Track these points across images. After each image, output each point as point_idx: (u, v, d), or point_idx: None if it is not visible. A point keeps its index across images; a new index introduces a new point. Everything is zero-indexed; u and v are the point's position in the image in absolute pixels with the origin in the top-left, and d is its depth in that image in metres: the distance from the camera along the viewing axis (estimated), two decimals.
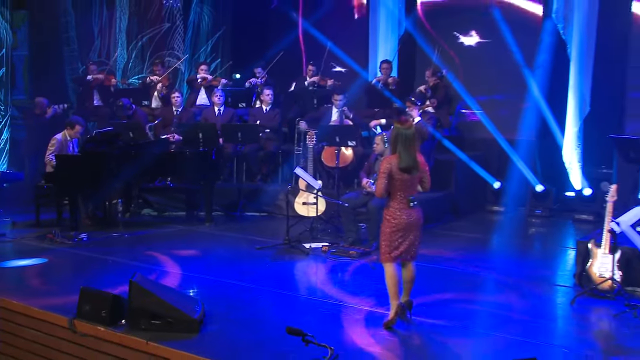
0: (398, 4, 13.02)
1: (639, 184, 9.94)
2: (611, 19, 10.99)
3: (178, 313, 5.94)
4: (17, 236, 9.32)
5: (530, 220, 10.93)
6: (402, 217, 6.11)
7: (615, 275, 6.86)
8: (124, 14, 13.78)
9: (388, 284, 6.17)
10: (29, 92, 12.56)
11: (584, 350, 5.81)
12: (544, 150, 11.44)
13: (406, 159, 5.96)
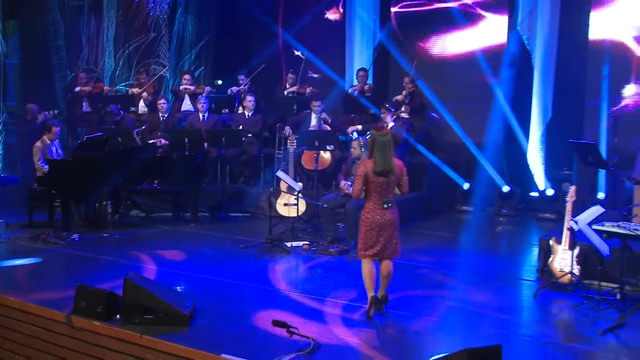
0: (373, 16, 13.02)
1: (597, 185, 10.17)
2: (571, 31, 11.11)
3: (169, 308, 6.02)
4: (11, 237, 9.27)
5: (497, 219, 11.02)
6: (375, 217, 6.22)
7: (574, 269, 7.08)
8: (111, 23, 13.69)
9: (364, 278, 6.29)
10: (20, 99, 12.49)
11: (545, 339, 5.94)
12: (509, 153, 11.48)
13: (381, 164, 6.07)
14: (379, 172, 6.10)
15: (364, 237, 6.34)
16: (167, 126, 11.47)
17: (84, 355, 6.13)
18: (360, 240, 6.37)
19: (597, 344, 5.80)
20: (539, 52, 11.36)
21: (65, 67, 13.34)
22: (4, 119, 12.09)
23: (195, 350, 5.54)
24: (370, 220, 6.24)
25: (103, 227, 9.84)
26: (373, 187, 6.18)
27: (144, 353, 5.79)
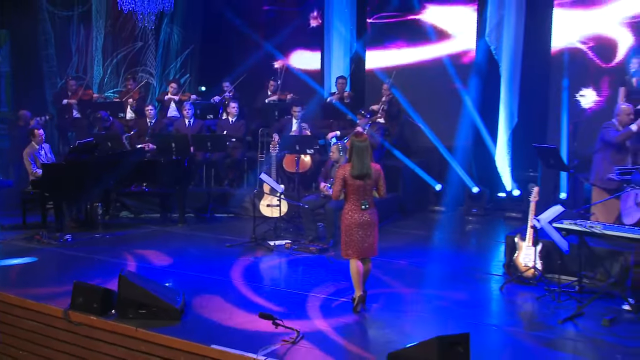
0: (349, 27, 13.04)
1: (559, 186, 10.29)
2: (535, 41, 11.26)
3: (162, 303, 6.13)
4: (6, 238, 9.26)
5: (467, 219, 11.11)
6: (353, 218, 6.32)
7: (537, 264, 7.21)
8: (100, 33, 13.68)
9: (352, 276, 6.41)
10: (12, 106, 12.46)
11: (510, 327, 6.14)
12: (478, 156, 11.56)
13: (358, 167, 6.20)
14: (356, 176, 6.21)
15: (344, 237, 6.43)
16: (155, 131, 11.50)
17: (81, 348, 6.22)
18: (343, 241, 6.45)
19: (557, 332, 5.98)
20: (506, 61, 11.42)
21: (56, 75, 13.28)
22: None
23: (187, 341, 5.66)
24: (349, 220, 6.35)
25: (94, 228, 9.87)
26: (351, 190, 6.29)
27: (139, 345, 5.91)
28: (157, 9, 11.44)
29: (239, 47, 13.85)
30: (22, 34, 12.67)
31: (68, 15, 13.42)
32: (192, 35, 14.18)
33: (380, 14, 12.83)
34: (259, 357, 5.29)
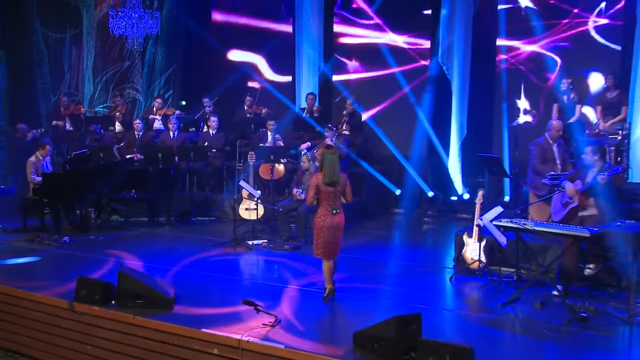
0: (317, 49, 13.07)
1: (503, 190, 10.57)
2: (482, 61, 11.49)
3: (156, 294, 6.39)
4: (9, 239, 9.29)
5: (423, 220, 11.22)
6: (326, 221, 6.54)
7: (482, 257, 7.50)
8: (90, 53, 13.60)
9: (324, 272, 6.64)
10: (8, 119, 12.32)
11: (458, 311, 6.55)
12: (433, 164, 11.68)
13: (330, 176, 6.46)
14: (327, 183, 6.47)
15: (316, 238, 6.62)
16: (142, 143, 11.51)
17: (84, 334, 6.44)
18: (315, 241, 6.64)
19: (497, 314, 6.34)
20: (456, 80, 11.54)
21: (49, 91, 13.19)
22: None
23: (179, 326, 5.93)
24: (321, 224, 6.56)
25: (88, 231, 9.87)
26: (324, 196, 6.52)
27: (136, 331, 6.16)
28: (145, 33, 11.46)
29: (217, 66, 13.90)
30: (18, 53, 12.61)
31: (61, 37, 13.33)
32: (174, 55, 14.12)
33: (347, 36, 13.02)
34: (243, 338, 5.56)
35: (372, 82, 12.88)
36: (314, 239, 6.73)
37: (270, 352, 5.46)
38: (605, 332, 5.93)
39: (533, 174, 8.46)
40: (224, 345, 5.70)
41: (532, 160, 8.48)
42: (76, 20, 13.54)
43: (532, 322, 6.15)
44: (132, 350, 6.19)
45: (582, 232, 6.18)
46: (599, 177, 6.80)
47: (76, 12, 13.43)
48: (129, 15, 11.08)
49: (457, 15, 11.51)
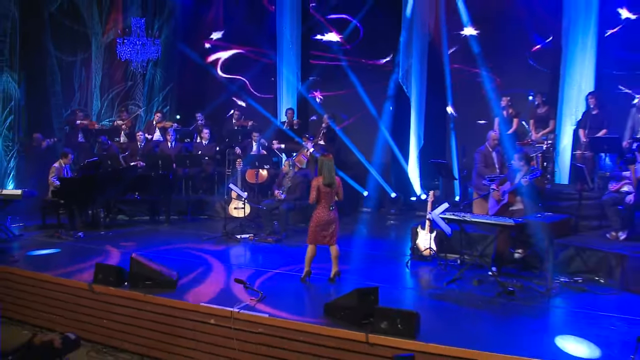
0: (295, 71, 13.34)
1: (454, 191, 11.07)
2: (435, 83, 11.82)
3: (163, 276, 6.78)
4: (31, 235, 9.50)
5: (387, 217, 11.60)
6: (323, 216, 6.94)
7: (432, 246, 8.07)
8: (98, 74, 13.49)
9: (307, 257, 7.04)
10: (25, 131, 12.25)
11: (412, 287, 7.08)
12: (395, 170, 12.08)
13: (328, 178, 6.90)
14: (326, 184, 6.91)
15: (314, 230, 6.94)
16: (144, 152, 11.69)
17: (102, 311, 6.78)
18: (310, 231, 6.97)
19: (444, 290, 6.91)
20: (414, 97, 11.96)
21: (61, 107, 13.09)
22: (17, 147, 11.90)
23: (182, 301, 6.36)
24: (320, 217, 6.95)
25: (98, 228, 10.02)
26: (322, 195, 6.94)
27: (145, 306, 6.53)
28: (148, 58, 11.67)
29: (209, 85, 14.01)
30: (34, 74, 12.59)
31: (72, 60, 13.33)
32: (171, 76, 14.19)
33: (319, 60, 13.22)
34: (234, 309, 6.01)
35: (341, 99, 13.14)
36: (309, 228, 7.04)
37: (256, 320, 5.92)
38: (527, 302, 6.52)
39: (477, 177, 9.14)
40: (219, 316, 6.10)
41: (476, 165, 9.17)
42: (85, 45, 13.47)
43: (471, 295, 6.70)
44: (143, 322, 6.56)
45: (507, 222, 6.81)
46: (522, 180, 7.37)
47: (85, 39, 13.42)
48: (134, 43, 11.34)
49: (414, 42, 11.88)
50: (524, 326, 5.82)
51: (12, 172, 11.82)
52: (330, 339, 5.63)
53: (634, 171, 7.54)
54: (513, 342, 5.31)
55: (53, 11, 12.78)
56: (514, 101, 10.80)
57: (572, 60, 10.59)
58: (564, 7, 10.70)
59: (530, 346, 5.22)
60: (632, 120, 9.50)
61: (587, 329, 5.71)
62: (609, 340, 5.38)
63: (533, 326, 5.82)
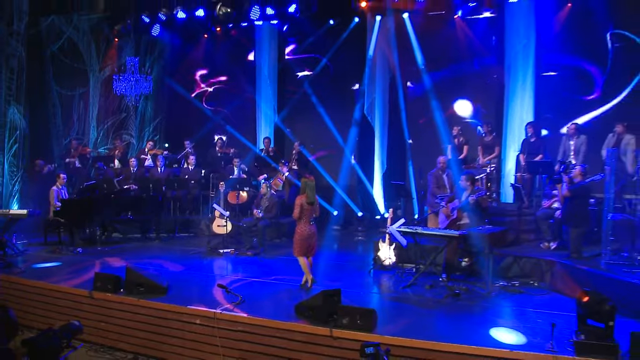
0: (272, 106, 13.65)
1: (414, 209, 11.33)
2: (395, 114, 12.16)
3: (154, 284, 7.10)
4: (35, 251, 9.68)
5: (355, 233, 11.86)
6: (305, 230, 7.31)
7: (392, 257, 8.43)
8: (95, 106, 13.63)
9: (303, 267, 7.38)
10: (28, 158, 12.38)
11: (374, 291, 7.41)
12: (361, 191, 12.37)
13: (311, 197, 7.32)
14: (309, 203, 7.30)
15: (299, 243, 7.27)
16: (137, 176, 11.89)
17: (101, 315, 7.03)
18: (297, 245, 7.30)
19: (400, 293, 7.35)
20: (377, 126, 12.37)
21: (61, 136, 13.30)
22: (22, 172, 12.03)
23: (172, 305, 6.66)
24: (303, 231, 7.31)
25: (95, 244, 10.16)
26: (305, 212, 7.31)
27: (139, 310, 6.82)
28: (141, 92, 12.02)
29: (195, 117, 14.17)
30: (38, 107, 12.76)
31: (72, 94, 13.51)
32: (161, 108, 14.33)
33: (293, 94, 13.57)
34: (217, 311, 6.35)
35: (313, 128, 13.45)
36: (295, 243, 7.33)
37: (236, 320, 6.29)
38: (470, 302, 7.05)
39: (430, 196, 9.69)
40: (204, 317, 6.43)
41: (429, 186, 9.75)
42: (84, 81, 13.68)
43: (423, 297, 7.19)
44: (137, 324, 6.85)
45: (452, 233, 7.41)
46: (469, 198, 7.94)
47: (84, 75, 13.65)
48: (128, 79, 11.70)
49: (377, 78, 12.40)
50: (466, 321, 6.32)
51: (16, 194, 11.98)
52: (299, 334, 6.02)
53: (560, 189, 8.19)
54: (456, 334, 5.81)
55: (55, 51, 13.08)
56: (464, 130, 11.36)
57: (513, 95, 11.29)
58: (506, 49, 11.41)
59: (470, 337, 5.72)
60: (563, 147, 10.19)
61: (518, 322, 6.24)
62: (535, 331, 5.91)
63: (473, 321, 6.33)
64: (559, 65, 11.05)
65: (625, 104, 10.40)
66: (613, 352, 5.25)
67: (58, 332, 3.64)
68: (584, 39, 10.66)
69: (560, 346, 5.43)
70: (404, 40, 12.04)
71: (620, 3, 10.03)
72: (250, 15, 11.96)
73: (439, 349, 5.57)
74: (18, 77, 11.96)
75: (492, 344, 5.60)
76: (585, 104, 10.82)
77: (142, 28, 13.22)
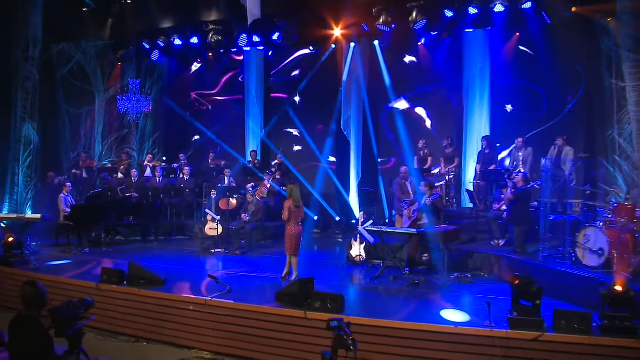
0: (259, 122, 14.07)
1: (384, 213, 11.64)
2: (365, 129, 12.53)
3: (153, 276, 7.53)
4: (48, 252, 9.98)
5: (334, 236, 12.17)
6: (294, 230, 7.68)
7: (362, 254, 8.96)
8: (100, 123, 13.85)
9: (294, 264, 7.76)
10: (41, 169, 12.48)
11: (345, 284, 7.82)
12: (339, 198, 12.68)
13: (298, 201, 7.72)
14: (296, 206, 7.69)
15: (291, 241, 7.64)
16: (138, 186, 12.09)
17: (107, 304, 7.36)
18: (288, 244, 7.67)
19: (368, 284, 7.92)
20: (353, 140, 12.80)
21: (70, 150, 13.56)
22: (35, 182, 12.30)
23: (168, 294, 7.12)
24: (292, 232, 7.67)
25: (100, 246, 10.47)
26: (293, 214, 7.69)
27: (140, 299, 7.22)
28: (141, 110, 12.49)
29: (190, 132, 14.51)
30: (49, 124, 13.02)
31: (79, 112, 13.79)
32: (159, 124, 14.54)
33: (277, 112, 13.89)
34: (209, 298, 6.80)
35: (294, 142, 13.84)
36: (287, 242, 7.65)
37: (224, 306, 6.77)
38: (427, 290, 7.62)
39: (397, 201, 10.30)
40: (196, 304, 6.90)
41: (395, 193, 10.35)
42: (90, 100, 13.91)
43: (387, 287, 7.74)
44: (138, 312, 7.27)
45: (411, 231, 8.00)
46: (427, 201, 8.54)
47: (90, 95, 13.88)
48: (130, 99, 12.16)
49: (352, 98, 12.86)
50: (422, 305, 6.90)
51: (30, 202, 12.23)
52: (279, 317, 6.54)
53: (506, 193, 8.84)
54: (411, 316, 6.41)
55: (65, 74, 13.40)
56: (428, 143, 11.92)
57: (472, 112, 11.94)
58: (464, 73, 12.04)
59: (422, 317, 6.32)
60: (513, 157, 10.85)
61: (466, 306, 6.85)
62: (478, 312, 6.47)
63: (428, 305, 6.92)
64: (511, 87, 11.66)
65: (565, 120, 11.04)
66: (539, 326, 5.86)
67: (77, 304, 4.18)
68: (530, 64, 11.30)
69: (497, 322, 6.02)
70: (375, 64, 12.54)
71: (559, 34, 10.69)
72: (239, 43, 12.27)
73: (395, 327, 6.12)
74: (32, 97, 12.20)
75: (440, 323, 6.17)
76: (533, 120, 11.40)
77: (142, 53, 13.58)
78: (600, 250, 7.17)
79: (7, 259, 8.69)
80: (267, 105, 14.18)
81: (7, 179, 12.10)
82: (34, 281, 4.10)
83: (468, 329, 6.00)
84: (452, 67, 12.18)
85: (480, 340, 5.88)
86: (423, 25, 10.63)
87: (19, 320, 4.05)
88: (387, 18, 10.65)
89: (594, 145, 10.33)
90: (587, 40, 10.17)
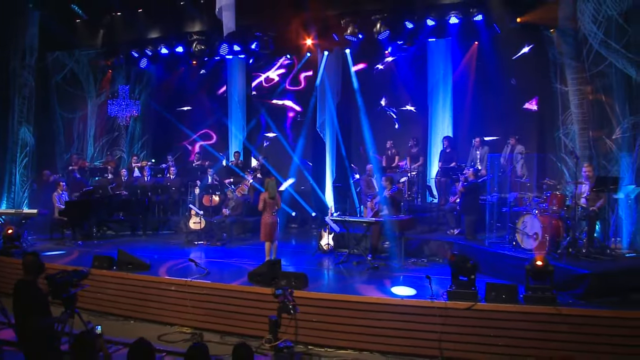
0: (240, 126, 14.46)
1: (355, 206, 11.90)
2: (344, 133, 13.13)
3: (140, 262, 8.19)
4: (43, 244, 10.42)
5: (310, 230, 12.48)
6: (269, 220, 8.30)
7: (331, 242, 9.64)
8: (92, 127, 14.14)
9: (266, 250, 8.30)
10: (36, 169, 12.70)
11: (316, 268, 8.46)
12: (315, 196, 13.03)
13: (272, 193, 8.29)
14: (271, 197, 8.25)
15: (264, 229, 8.20)
16: (127, 184, 12.52)
17: (98, 287, 7.86)
18: (262, 231, 8.23)
19: (334, 268, 8.64)
20: (328, 142, 13.24)
21: (63, 152, 13.83)
22: (30, 181, 12.64)
23: (153, 276, 7.75)
24: (266, 220, 8.26)
25: (92, 239, 10.92)
26: (267, 205, 8.27)
27: (129, 282, 7.82)
28: (130, 114, 13.07)
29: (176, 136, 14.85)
30: (44, 127, 13.22)
31: (72, 116, 13.99)
32: (147, 127, 14.85)
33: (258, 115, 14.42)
34: (189, 279, 7.45)
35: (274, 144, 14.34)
36: (262, 230, 8.24)
37: (203, 286, 7.44)
38: (385, 272, 8.38)
39: (363, 195, 11.06)
40: (178, 284, 7.56)
41: (362, 188, 11.11)
42: (83, 105, 14.11)
43: (350, 270, 8.50)
44: (126, 293, 7.89)
45: (370, 220, 8.78)
46: (387, 194, 9.25)
47: (83, 100, 14.10)
48: (120, 104, 12.69)
49: (327, 102, 13.42)
50: (377, 284, 7.64)
51: (26, 200, 12.63)
52: (251, 294, 7.26)
53: (458, 187, 9.67)
54: (367, 291, 7.15)
55: (59, 80, 13.74)
56: (396, 143, 12.67)
57: (435, 115, 12.70)
58: (429, 79, 12.77)
59: (375, 293, 7.08)
60: (471, 156, 11.68)
61: (415, 284, 7.60)
62: (425, 288, 7.18)
63: (382, 283, 7.68)
64: (471, 91, 12.45)
65: (519, 121, 11.87)
66: (473, 297, 6.68)
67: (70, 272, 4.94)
68: (487, 70, 12.11)
69: (438, 296, 6.83)
70: (346, 71, 13.21)
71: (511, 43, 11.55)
72: (220, 51, 12.85)
73: (351, 300, 6.90)
74: (28, 102, 12.49)
75: (390, 296, 6.96)
76: (490, 121, 12.21)
77: (132, 61, 13.92)
78: (535, 234, 8.00)
79: (8, 249, 9.21)
80: (249, 110, 14.71)
81: (5, 179, 12.40)
82: (35, 252, 4.84)
83: (413, 301, 6.80)
84: (417, 74, 12.86)
85: (423, 311, 6.68)
86: (387, 36, 11.37)
87: (19, 284, 4.80)
88: (354, 29, 11.40)
89: (544, 144, 11.15)
90: (536, 49, 11.05)
